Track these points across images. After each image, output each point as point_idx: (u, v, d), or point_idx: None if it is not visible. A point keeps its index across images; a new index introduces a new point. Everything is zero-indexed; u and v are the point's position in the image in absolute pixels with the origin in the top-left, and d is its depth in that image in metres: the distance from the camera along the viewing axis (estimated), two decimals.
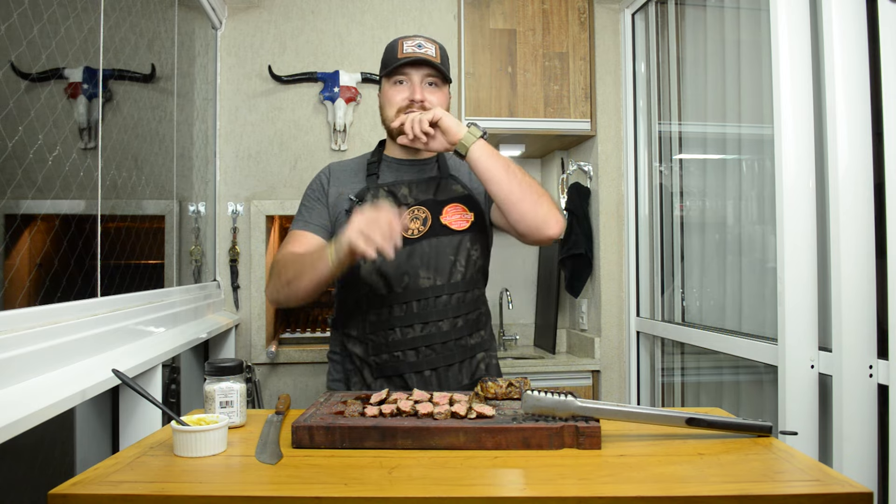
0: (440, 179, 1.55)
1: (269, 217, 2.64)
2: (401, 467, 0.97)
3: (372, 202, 1.47)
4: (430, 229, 1.48)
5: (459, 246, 1.50)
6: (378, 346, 1.48)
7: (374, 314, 1.48)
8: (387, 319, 1.47)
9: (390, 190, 1.51)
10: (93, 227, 1.48)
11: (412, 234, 1.47)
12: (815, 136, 1.66)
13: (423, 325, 1.46)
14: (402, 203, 1.49)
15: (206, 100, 2.47)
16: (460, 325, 1.50)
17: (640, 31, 2.69)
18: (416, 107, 1.47)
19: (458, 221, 1.50)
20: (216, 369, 1.22)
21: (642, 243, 2.67)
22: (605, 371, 2.70)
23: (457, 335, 1.49)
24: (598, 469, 0.97)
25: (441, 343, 1.47)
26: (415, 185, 1.53)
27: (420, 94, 1.48)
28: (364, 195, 1.50)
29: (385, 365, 1.48)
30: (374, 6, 2.67)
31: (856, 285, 1.53)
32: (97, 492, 0.88)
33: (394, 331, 1.46)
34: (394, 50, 1.51)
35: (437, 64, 1.49)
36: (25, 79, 1.26)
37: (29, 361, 1.12)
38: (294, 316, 3.13)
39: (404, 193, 1.51)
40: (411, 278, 1.47)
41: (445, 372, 1.49)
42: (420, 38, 1.51)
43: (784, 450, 1.05)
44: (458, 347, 1.50)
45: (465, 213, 1.52)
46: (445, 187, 1.54)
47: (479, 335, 1.55)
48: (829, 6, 1.56)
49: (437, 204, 1.51)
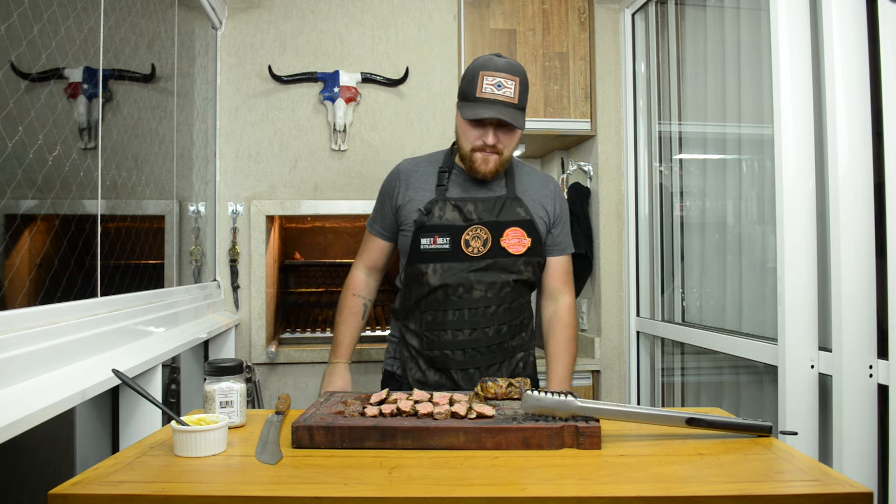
0: (506, 199, 1.66)
1: (269, 217, 2.64)
2: (401, 467, 0.97)
3: (439, 216, 1.62)
4: (489, 251, 1.61)
5: (513, 267, 1.64)
6: (431, 342, 1.64)
7: (430, 314, 1.64)
8: (441, 321, 1.62)
9: (457, 205, 1.63)
10: (93, 227, 1.48)
11: (473, 253, 1.61)
12: (815, 136, 1.66)
13: (472, 330, 1.62)
14: (468, 219, 1.62)
15: (206, 100, 2.47)
16: (504, 330, 1.66)
17: (640, 31, 2.69)
18: (487, 150, 1.59)
19: (515, 246, 1.63)
20: (216, 369, 1.22)
21: (642, 243, 2.67)
22: (605, 371, 2.71)
23: (500, 339, 1.66)
24: (598, 469, 0.97)
25: (486, 346, 1.64)
26: (481, 203, 1.64)
27: (492, 140, 1.57)
28: (432, 208, 1.63)
29: (436, 359, 1.64)
30: (374, 6, 2.67)
31: (856, 285, 1.52)
32: (97, 492, 0.88)
33: (446, 332, 1.63)
34: (472, 85, 1.56)
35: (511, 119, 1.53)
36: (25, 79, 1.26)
37: (29, 361, 1.12)
38: (294, 316, 3.13)
39: (469, 210, 1.63)
40: (466, 290, 1.62)
41: (486, 370, 1.66)
42: (500, 77, 1.54)
43: (784, 450, 1.05)
44: (501, 350, 1.67)
45: (524, 238, 1.63)
46: (509, 209, 1.65)
47: (520, 337, 1.72)
48: (829, 6, 1.56)
49: (498, 226, 1.62)
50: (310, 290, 3.20)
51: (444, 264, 1.60)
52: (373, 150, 2.64)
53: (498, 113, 1.52)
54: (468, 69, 1.60)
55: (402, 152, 2.62)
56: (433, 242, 1.61)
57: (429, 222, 1.62)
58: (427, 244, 1.61)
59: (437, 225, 1.61)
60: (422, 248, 1.62)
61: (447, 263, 1.60)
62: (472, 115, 1.54)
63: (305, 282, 3.22)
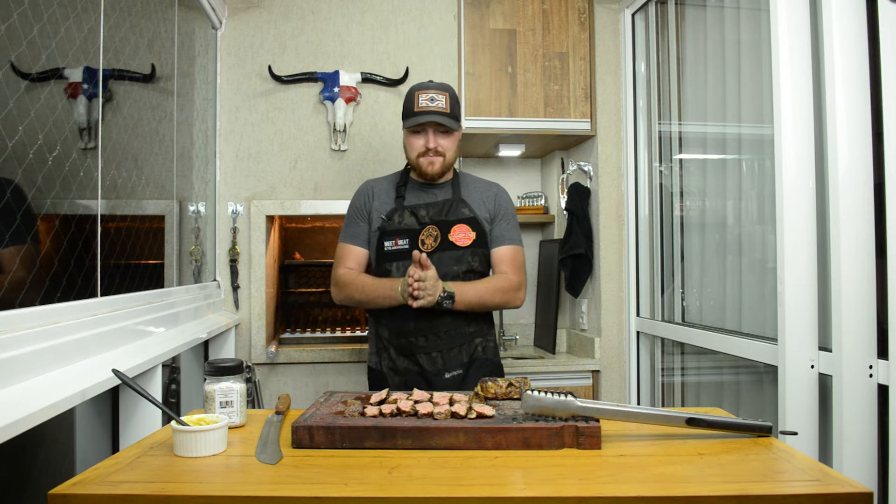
0: (452, 202, 1.93)
1: (269, 217, 2.64)
2: (401, 467, 0.97)
3: (399, 221, 1.89)
4: (439, 245, 1.87)
5: (462, 258, 1.88)
6: (398, 332, 1.88)
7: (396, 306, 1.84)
8: (405, 311, 1.83)
9: (412, 211, 1.91)
10: (93, 227, 1.48)
11: (427, 249, 1.86)
12: (815, 136, 1.66)
13: (431, 317, 1.84)
14: (421, 222, 1.89)
15: (206, 100, 2.47)
16: (459, 317, 1.87)
17: (640, 31, 2.69)
18: (430, 154, 1.87)
19: (462, 239, 1.89)
20: (216, 369, 1.22)
21: (642, 243, 2.67)
22: (605, 371, 2.71)
23: (456, 325, 1.88)
24: (598, 469, 0.97)
25: (444, 331, 1.87)
26: (431, 207, 1.92)
27: (433, 143, 1.87)
28: (392, 214, 1.91)
29: (403, 346, 1.88)
30: (374, 6, 2.67)
31: (856, 285, 1.52)
32: (97, 492, 0.88)
33: (408, 322, 1.86)
34: (411, 102, 1.88)
35: (445, 122, 1.84)
36: (25, 79, 1.25)
37: (29, 361, 1.12)
38: (294, 316, 3.13)
39: (423, 214, 1.90)
40: None
41: (448, 353, 1.88)
42: (432, 91, 1.86)
43: (784, 450, 1.05)
44: (458, 334, 1.89)
45: (469, 232, 1.89)
46: (455, 209, 1.92)
47: (476, 324, 1.92)
48: (829, 6, 1.56)
49: (447, 224, 1.89)
50: (310, 290, 3.20)
51: (405, 262, 1.85)
52: (373, 150, 2.64)
53: (432, 118, 1.82)
54: (406, 93, 1.91)
55: (402, 152, 2.62)
56: (395, 244, 1.88)
57: (390, 227, 1.89)
58: (390, 246, 1.88)
59: (396, 229, 1.89)
60: (385, 250, 1.88)
61: (407, 261, 1.83)
62: (412, 123, 1.85)
63: (305, 282, 3.22)
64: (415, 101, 1.85)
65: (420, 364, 1.87)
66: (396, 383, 1.89)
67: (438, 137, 1.87)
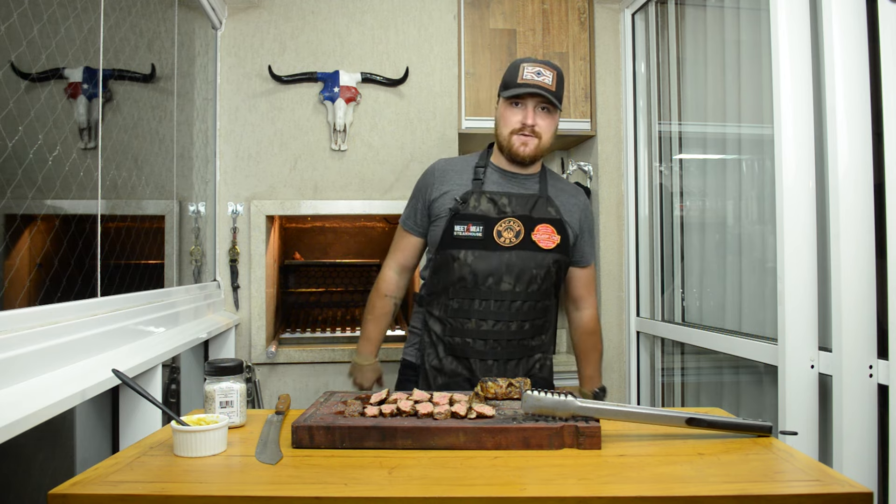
0: (538, 198, 1.74)
1: (269, 217, 2.64)
2: (401, 467, 0.97)
3: (474, 206, 1.70)
4: (521, 242, 1.68)
5: (543, 262, 1.70)
6: (455, 329, 1.70)
7: (457, 302, 1.70)
8: (467, 309, 1.69)
9: (492, 198, 1.72)
10: (93, 227, 1.48)
11: (504, 243, 1.68)
12: (815, 136, 1.66)
13: (496, 321, 1.68)
14: (502, 212, 1.70)
15: (206, 100, 2.47)
16: (527, 328, 1.71)
17: (640, 31, 2.69)
18: (527, 130, 1.69)
19: (546, 241, 1.70)
20: (216, 369, 1.22)
21: (642, 243, 2.67)
22: (605, 371, 2.70)
23: (521, 336, 1.71)
24: (598, 469, 0.97)
25: (507, 340, 1.69)
26: (515, 199, 1.72)
27: (532, 119, 1.68)
28: (468, 198, 1.71)
29: (457, 347, 1.70)
30: (374, 6, 2.67)
31: (856, 285, 1.52)
32: (97, 492, 0.88)
33: (470, 320, 1.68)
34: (515, 73, 1.70)
35: (550, 97, 1.67)
36: (25, 79, 1.26)
37: (29, 361, 1.12)
38: (294, 316, 3.13)
39: (503, 203, 1.71)
40: (496, 280, 1.68)
41: (504, 364, 1.71)
42: (540, 66, 1.69)
43: (784, 450, 1.05)
44: (520, 346, 1.71)
45: (554, 234, 1.71)
46: (542, 207, 1.73)
47: (540, 338, 1.76)
48: (829, 6, 1.56)
49: (531, 220, 1.71)
50: (310, 290, 3.21)
51: (475, 251, 1.67)
52: (373, 150, 2.64)
53: (537, 90, 1.65)
54: (510, 65, 1.74)
55: (402, 152, 2.62)
56: (467, 230, 1.68)
57: (464, 211, 1.70)
58: (461, 231, 1.69)
59: (471, 214, 1.69)
60: (455, 235, 1.69)
61: (479, 251, 1.67)
62: (512, 92, 1.67)
63: (305, 282, 3.22)
64: (519, 73, 1.68)
65: (471, 369, 1.69)
66: (439, 384, 1.73)
67: (538, 116, 1.69)
